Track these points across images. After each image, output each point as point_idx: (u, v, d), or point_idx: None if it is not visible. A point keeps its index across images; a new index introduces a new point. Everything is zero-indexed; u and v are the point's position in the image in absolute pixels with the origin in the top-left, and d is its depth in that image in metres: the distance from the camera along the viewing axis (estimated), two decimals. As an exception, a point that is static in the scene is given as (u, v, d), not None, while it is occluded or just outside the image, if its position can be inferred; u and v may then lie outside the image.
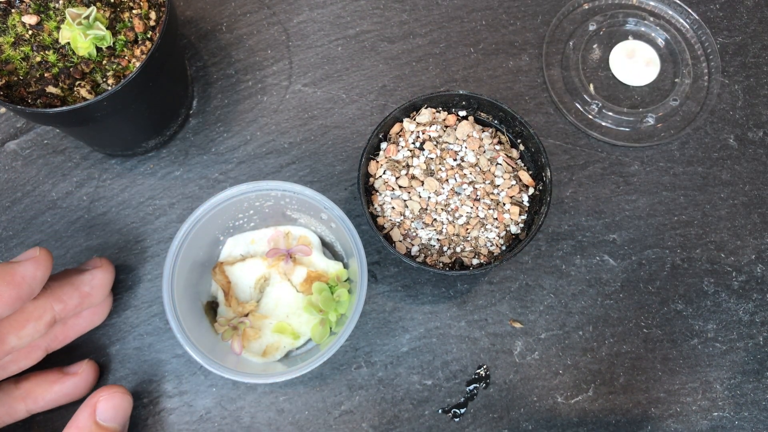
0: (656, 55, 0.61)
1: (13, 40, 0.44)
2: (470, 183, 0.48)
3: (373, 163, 0.50)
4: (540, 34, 0.61)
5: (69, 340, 0.48)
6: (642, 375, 0.52)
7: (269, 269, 0.50)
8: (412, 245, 0.48)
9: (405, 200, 0.48)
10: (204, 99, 0.57)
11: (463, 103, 0.50)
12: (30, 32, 0.44)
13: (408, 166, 0.49)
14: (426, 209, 0.48)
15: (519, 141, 0.51)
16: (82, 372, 0.47)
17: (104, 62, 0.45)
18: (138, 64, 0.43)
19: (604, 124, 0.57)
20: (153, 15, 0.46)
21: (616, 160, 0.57)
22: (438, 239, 0.48)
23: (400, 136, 0.50)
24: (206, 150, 0.56)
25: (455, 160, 0.49)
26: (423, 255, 0.48)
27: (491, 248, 0.48)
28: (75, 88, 0.44)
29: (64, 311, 0.44)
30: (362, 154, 0.48)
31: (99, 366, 0.49)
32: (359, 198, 0.47)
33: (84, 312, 0.47)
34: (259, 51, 0.59)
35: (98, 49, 0.45)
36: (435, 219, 0.48)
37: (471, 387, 0.51)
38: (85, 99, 0.43)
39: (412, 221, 0.48)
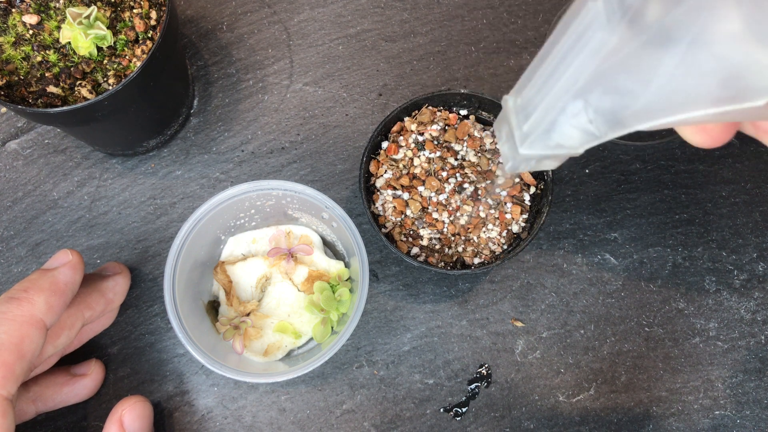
0: (658, 53, 0.60)
1: (13, 39, 0.44)
2: (471, 182, 0.48)
3: (374, 163, 0.50)
4: (541, 33, 0.60)
5: (81, 344, 0.48)
6: (643, 374, 0.52)
7: (271, 268, 0.50)
8: (414, 244, 0.48)
9: (406, 199, 0.48)
10: (205, 98, 0.57)
11: (464, 102, 0.50)
12: (31, 32, 0.44)
13: (409, 165, 0.49)
14: (427, 209, 0.48)
15: (520, 140, 0.50)
16: (92, 373, 0.48)
17: (105, 62, 0.45)
18: (139, 64, 0.43)
19: (605, 122, 0.57)
20: (153, 14, 0.46)
21: (617, 158, 0.57)
22: (439, 238, 0.48)
23: (401, 135, 0.50)
24: (207, 149, 0.56)
25: (456, 159, 0.49)
26: (424, 254, 0.48)
27: (492, 247, 0.48)
28: (76, 88, 0.44)
29: (92, 318, 0.45)
30: (363, 153, 0.48)
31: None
32: (360, 197, 0.47)
33: None
34: (259, 50, 0.59)
35: (99, 49, 0.45)
36: (436, 218, 0.48)
37: (472, 386, 0.51)
38: (86, 99, 0.43)
39: (413, 220, 0.48)
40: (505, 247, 0.48)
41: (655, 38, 0.22)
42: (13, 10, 0.45)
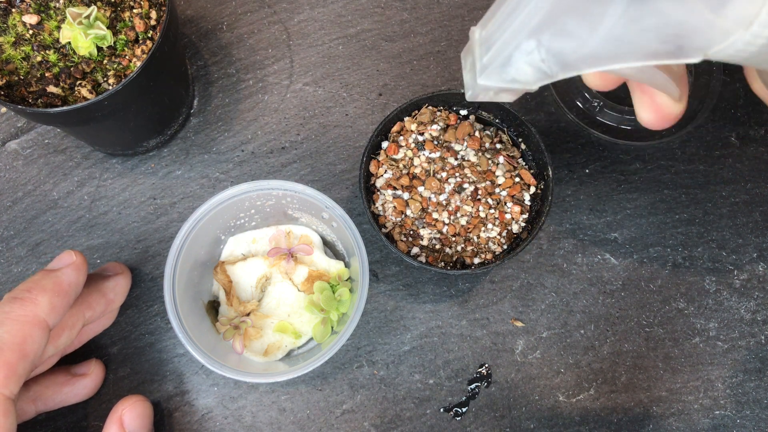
0: (657, 53, 0.60)
1: (13, 39, 0.44)
2: (471, 182, 0.48)
3: (374, 162, 0.50)
4: (541, 33, 0.60)
5: (81, 344, 0.48)
6: (643, 374, 0.52)
7: (271, 268, 0.50)
8: (414, 244, 0.48)
9: (406, 199, 0.48)
10: (205, 98, 0.57)
11: (464, 102, 0.50)
12: (30, 32, 0.44)
13: (409, 165, 0.49)
14: (427, 209, 0.48)
15: (520, 140, 0.51)
16: (92, 373, 0.48)
17: (105, 62, 0.45)
18: (139, 64, 0.43)
19: (605, 122, 0.57)
20: (153, 14, 0.46)
21: (617, 158, 0.57)
22: (439, 238, 0.48)
23: (401, 135, 0.50)
24: (207, 149, 0.56)
25: (456, 159, 0.49)
26: (424, 254, 0.48)
27: (492, 247, 0.48)
28: (76, 88, 0.44)
29: (92, 318, 0.45)
30: (363, 153, 0.48)
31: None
32: (360, 197, 0.47)
33: None
34: (259, 50, 0.59)
35: (99, 49, 0.45)
36: (436, 219, 0.48)
37: (472, 386, 0.51)
38: (86, 99, 0.43)
39: (413, 220, 0.48)
40: (505, 247, 0.48)
41: None
42: (13, 10, 0.45)
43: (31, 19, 0.44)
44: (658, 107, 0.33)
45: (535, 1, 0.26)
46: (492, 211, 0.48)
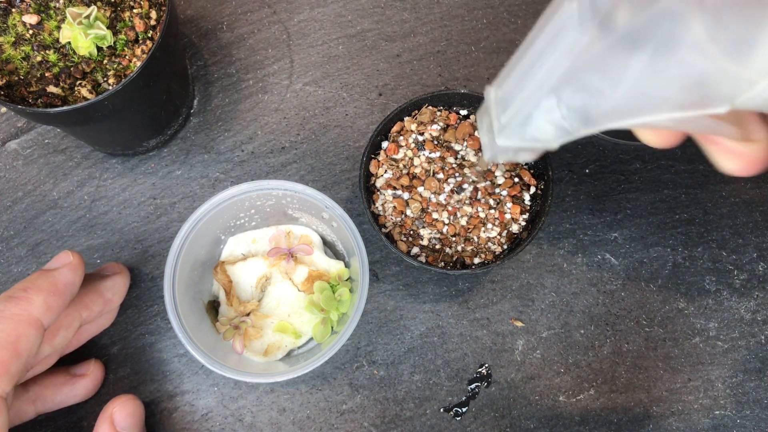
0: (657, 53, 0.60)
1: (13, 39, 0.44)
2: (471, 182, 0.48)
3: (374, 162, 0.50)
4: (541, 33, 0.60)
5: (80, 345, 0.48)
6: (643, 373, 0.52)
7: (271, 268, 0.50)
8: (414, 244, 0.48)
9: (406, 199, 0.48)
10: (205, 98, 0.57)
11: (464, 102, 0.50)
12: (30, 32, 0.44)
13: (409, 165, 0.49)
14: (427, 209, 0.48)
15: (520, 140, 0.50)
16: (91, 373, 0.48)
17: (105, 62, 0.45)
18: (139, 64, 0.43)
19: (605, 122, 0.57)
20: (153, 14, 0.46)
21: (617, 158, 0.57)
22: (439, 238, 0.48)
23: (401, 135, 0.50)
24: (207, 149, 0.56)
25: (456, 159, 0.49)
26: (424, 254, 0.48)
27: (492, 247, 0.48)
28: (76, 88, 0.44)
29: (89, 318, 0.45)
30: (363, 153, 0.48)
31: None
32: (360, 197, 0.47)
33: None
34: (259, 50, 0.59)
35: (99, 49, 0.45)
36: (436, 219, 0.48)
37: (473, 386, 0.51)
38: (85, 99, 0.43)
39: (413, 220, 0.48)
40: (505, 247, 0.48)
41: (624, 41, 0.23)
42: (13, 10, 0.45)
43: (31, 19, 0.44)
44: (732, 154, 0.29)
45: (555, 57, 0.25)
46: (492, 211, 0.48)
